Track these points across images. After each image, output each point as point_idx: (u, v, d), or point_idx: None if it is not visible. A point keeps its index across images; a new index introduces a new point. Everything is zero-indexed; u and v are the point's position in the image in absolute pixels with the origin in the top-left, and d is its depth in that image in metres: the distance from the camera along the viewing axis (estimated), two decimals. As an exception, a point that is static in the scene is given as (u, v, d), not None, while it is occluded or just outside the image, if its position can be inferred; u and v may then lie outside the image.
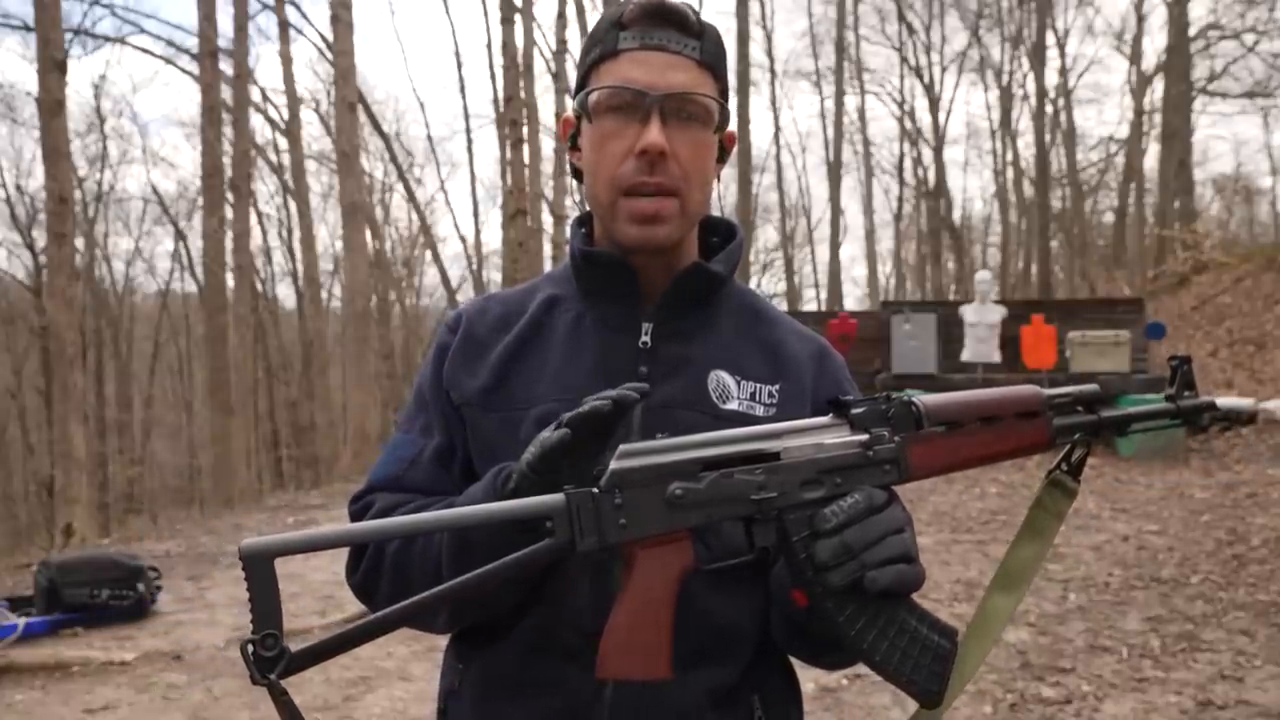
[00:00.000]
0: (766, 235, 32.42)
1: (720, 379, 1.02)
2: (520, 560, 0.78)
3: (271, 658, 0.70)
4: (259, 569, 0.72)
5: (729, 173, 22.06)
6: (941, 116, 29.14)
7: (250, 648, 0.70)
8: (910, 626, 0.85)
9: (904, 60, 29.00)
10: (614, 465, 0.81)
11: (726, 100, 1.03)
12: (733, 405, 1.01)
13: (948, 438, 0.90)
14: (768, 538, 0.84)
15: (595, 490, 0.80)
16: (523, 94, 14.65)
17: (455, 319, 1.10)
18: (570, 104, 1.07)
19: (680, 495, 0.81)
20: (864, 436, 0.87)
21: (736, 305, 1.09)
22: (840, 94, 26.92)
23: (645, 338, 1.02)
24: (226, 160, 15.16)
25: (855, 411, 0.88)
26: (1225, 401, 10.77)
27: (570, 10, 19.97)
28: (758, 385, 1.04)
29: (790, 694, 1.07)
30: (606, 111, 0.98)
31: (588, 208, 1.11)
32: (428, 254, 26.80)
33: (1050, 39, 25.30)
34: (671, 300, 1.03)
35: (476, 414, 1.02)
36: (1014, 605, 0.94)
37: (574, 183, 1.12)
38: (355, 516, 1.03)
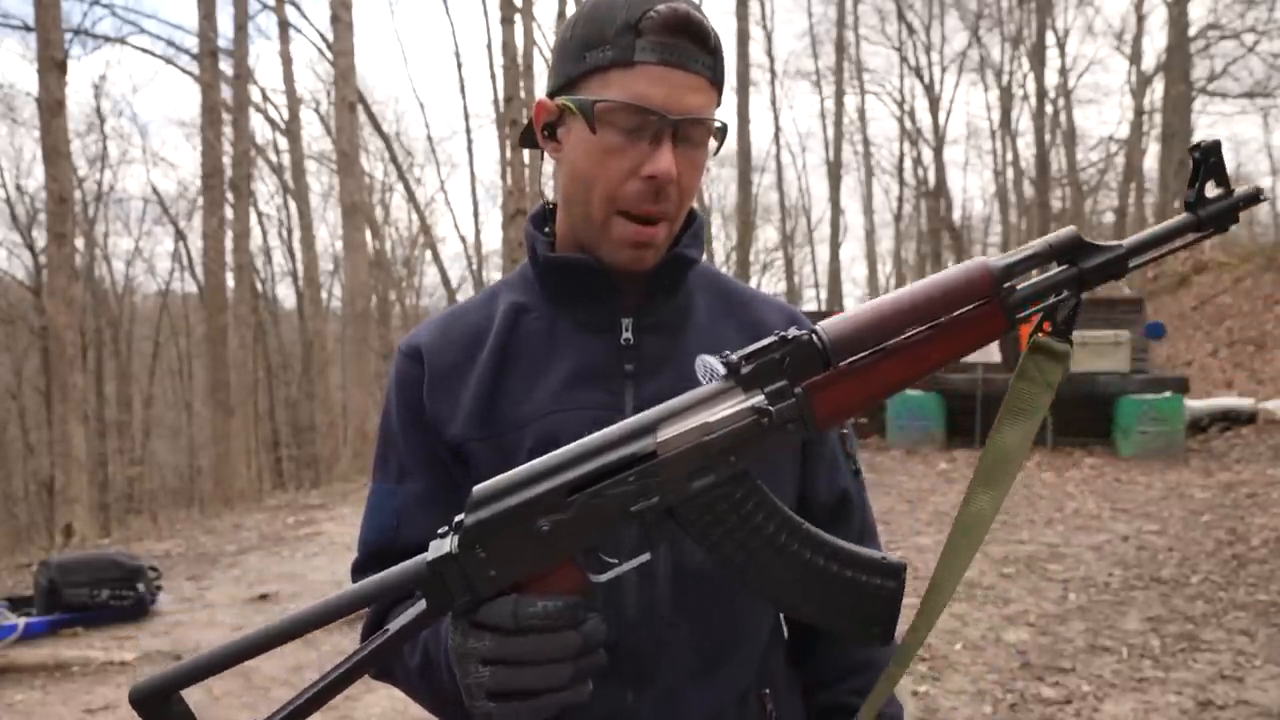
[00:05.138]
0: (766, 235, 32.46)
1: (707, 363, 1.00)
2: (405, 630, 0.79)
3: None
4: (151, 709, 0.74)
5: (729, 173, 22.06)
6: (941, 116, 29.14)
7: None
8: (843, 577, 0.80)
9: (904, 60, 29.00)
10: (467, 521, 0.76)
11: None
12: None
13: (864, 369, 0.77)
14: (665, 534, 0.79)
15: (454, 552, 0.76)
16: (523, 94, 14.62)
17: (413, 350, 1.02)
18: (543, 92, 1.00)
19: (548, 530, 0.76)
20: (757, 400, 0.76)
21: (704, 285, 1.07)
22: (840, 94, 26.91)
23: (627, 334, 0.99)
24: (226, 160, 15.16)
25: (745, 371, 0.77)
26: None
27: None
28: None
29: (795, 683, 1.08)
30: (613, 126, 0.91)
31: (552, 200, 1.05)
32: (428, 254, 26.81)
33: (1050, 39, 25.31)
34: (650, 293, 1.01)
35: (473, 446, 0.97)
36: (998, 503, 0.81)
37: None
38: (377, 616, 1.01)
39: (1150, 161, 24.58)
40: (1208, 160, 0.79)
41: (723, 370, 0.80)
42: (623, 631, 0.92)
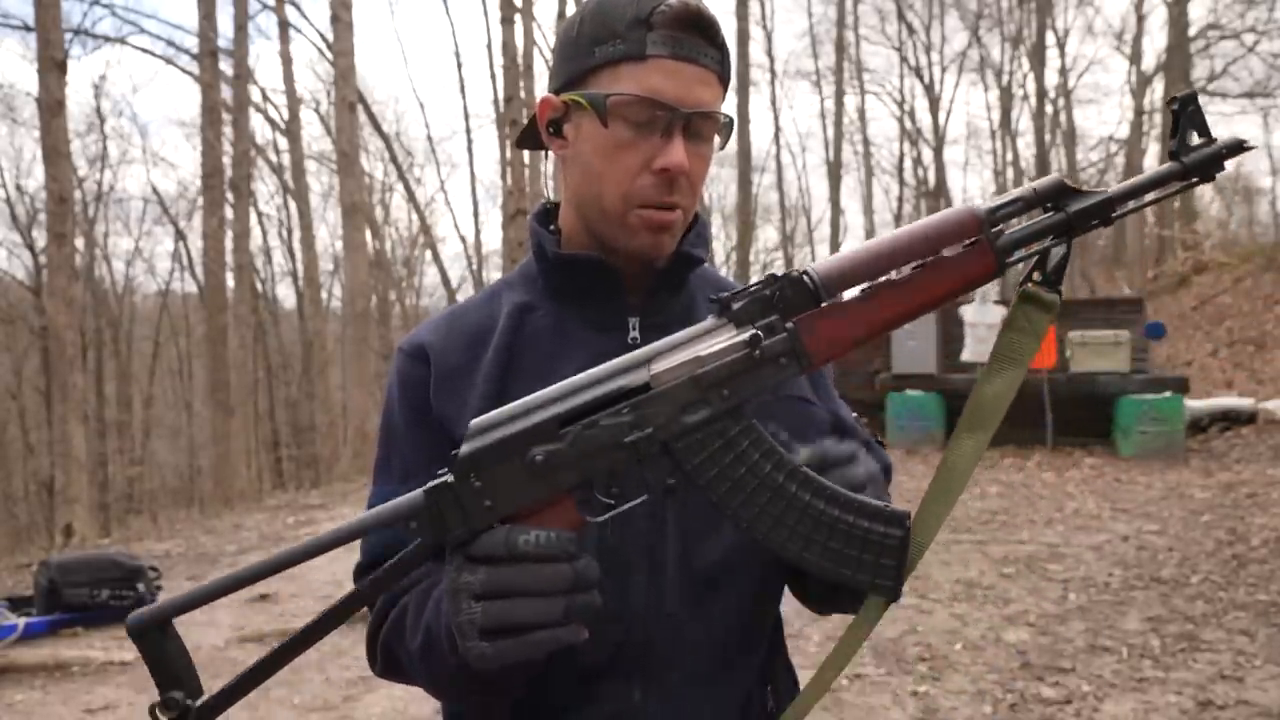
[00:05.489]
0: (766, 235, 32.53)
1: None
2: (397, 566, 0.78)
3: (175, 717, 0.75)
4: (148, 639, 0.76)
5: (729, 173, 22.05)
6: (941, 116, 29.15)
7: (156, 712, 0.75)
8: (845, 523, 0.78)
9: (904, 60, 29.00)
10: (463, 449, 0.77)
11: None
12: None
13: (856, 304, 0.79)
14: (661, 473, 0.79)
15: (450, 480, 0.76)
16: (523, 94, 14.61)
17: (417, 349, 1.02)
18: (544, 91, 1.00)
19: (542, 461, 0.76)
20: (748, 334, 0.77)
21: (706, 285, 1.07)
22: (840, 94, 26.92)
23: (634, 333, 0.99)
24: (226, 160, 15.16)
25: (736, 306, 0.79)
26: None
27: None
28: None
29: (792, 681, 1.09)
30: (625, 120, 0.91)
31: (555, 198, 1.05)
32: (428, 254, 26.82)
33: (1050, 39, 25.33)
34: (655, 291, 1.00)
35: None
36: (981, 446, 0.83)
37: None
38: (380, 615, 0.99)
39: (1150, 161, 24.55)
40: (1186, 110, 0.80)
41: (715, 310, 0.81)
42: (630, 629, 0.92)
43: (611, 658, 0.92)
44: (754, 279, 0.81)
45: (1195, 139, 0.81)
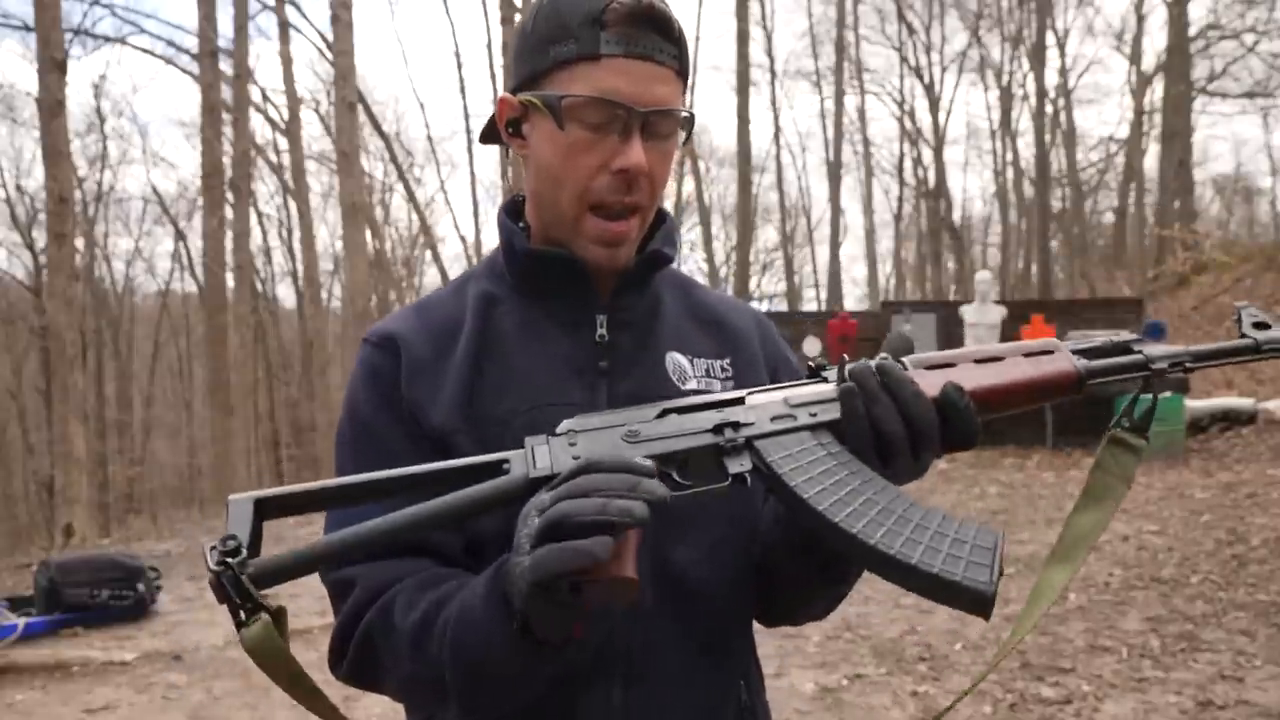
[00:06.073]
0: (766, 235, 32.45)
1: (676, 361, 1.00)
2: (478, 495, 0.78)
3: (231, 550, 0.71)
4: (236, 509, 0.77)
5: (729, 173, 22.04)
6: (941, 116, 29.14)
7: (208, 550, 0.72)
8: (934, 523, 0.79)
9: (904, 60, 29.01)
10: (570, 422, 0.83)
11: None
12: (691, 385, 0.99)
13: (939, 371, 0.86)
14: (742, 465, 0.82)
15: (549, 436, 0.83)
16: (523, 94, 14.64)
17: (386, 340, 0.99)
18: (504, 88, 0.98)
19: (634, 429, 0.82)
20: (839, 381, 0.86)
21: (670, 283, 1.07)
22: (840, 94, 26.92)
23: (601, 330, 0.98)
24: (226, 160, 15.16)
25: (830, 371, 0.88)
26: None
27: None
28: (710, 361, 1.02)
29: (760, 675, 1.09)
30: (581, 121, 0.90)
31: (521, 194, 1.04)
32: (428, 254, 26.86)
33: (1050, 39, 25.32)
34: (623, 289, 1.00)
35: (458, 439, 0.93)
36: (1068, 577, 0.88)
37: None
38: (357, 606, 0.92)
39: (1150, 161, 24.60)
40: (1245, 309, 0.97)
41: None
42: (610, 630, 0.92)
43: (592, 658, 0.92)
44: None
45: (1252, 328, 0.96)
